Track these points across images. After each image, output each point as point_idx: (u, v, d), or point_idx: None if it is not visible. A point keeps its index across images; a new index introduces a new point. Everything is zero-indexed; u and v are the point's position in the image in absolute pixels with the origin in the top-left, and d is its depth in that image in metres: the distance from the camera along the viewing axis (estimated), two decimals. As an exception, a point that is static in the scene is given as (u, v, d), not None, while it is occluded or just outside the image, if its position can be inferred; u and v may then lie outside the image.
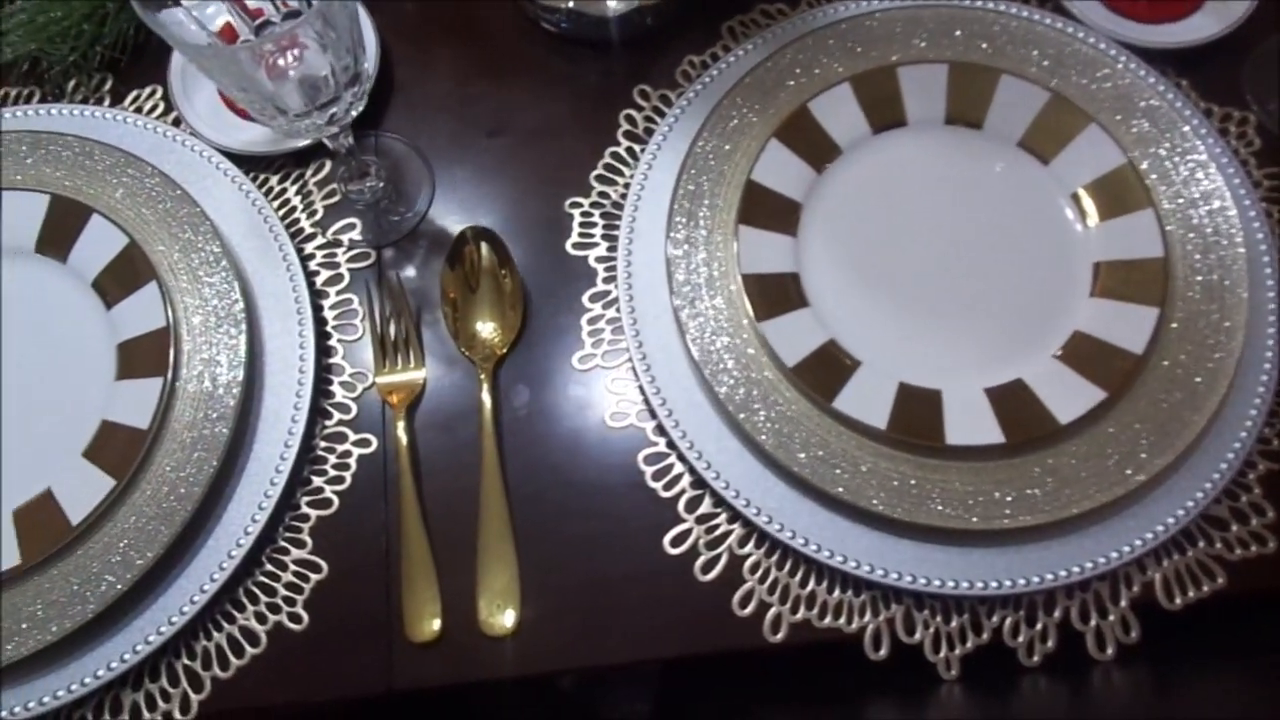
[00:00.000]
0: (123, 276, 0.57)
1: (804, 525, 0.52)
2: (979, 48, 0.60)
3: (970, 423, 0.52)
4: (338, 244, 0.61)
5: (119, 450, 0.54)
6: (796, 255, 0.57)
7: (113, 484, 0.53)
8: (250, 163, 0.62)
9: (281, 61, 0.48)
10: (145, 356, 0.56)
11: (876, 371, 0.54)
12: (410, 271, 0.60)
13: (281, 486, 0.54)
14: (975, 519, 0.50)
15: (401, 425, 0.56)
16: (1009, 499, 0.51)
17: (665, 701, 0.61)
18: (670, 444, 0.55)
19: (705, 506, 0.54)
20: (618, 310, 0.58)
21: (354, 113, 0.52)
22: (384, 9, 0.65)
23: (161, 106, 0.65)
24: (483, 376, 0.57)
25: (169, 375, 0.55)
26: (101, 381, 0.56)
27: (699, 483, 0.55)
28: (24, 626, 0.51)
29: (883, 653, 0.51)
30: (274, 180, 0.62)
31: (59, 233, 0.59)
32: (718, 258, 0.57)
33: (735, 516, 0.54)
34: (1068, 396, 0.52)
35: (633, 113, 0.63)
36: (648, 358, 0.56)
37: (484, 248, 0.58)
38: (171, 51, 0.64)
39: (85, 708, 0.52)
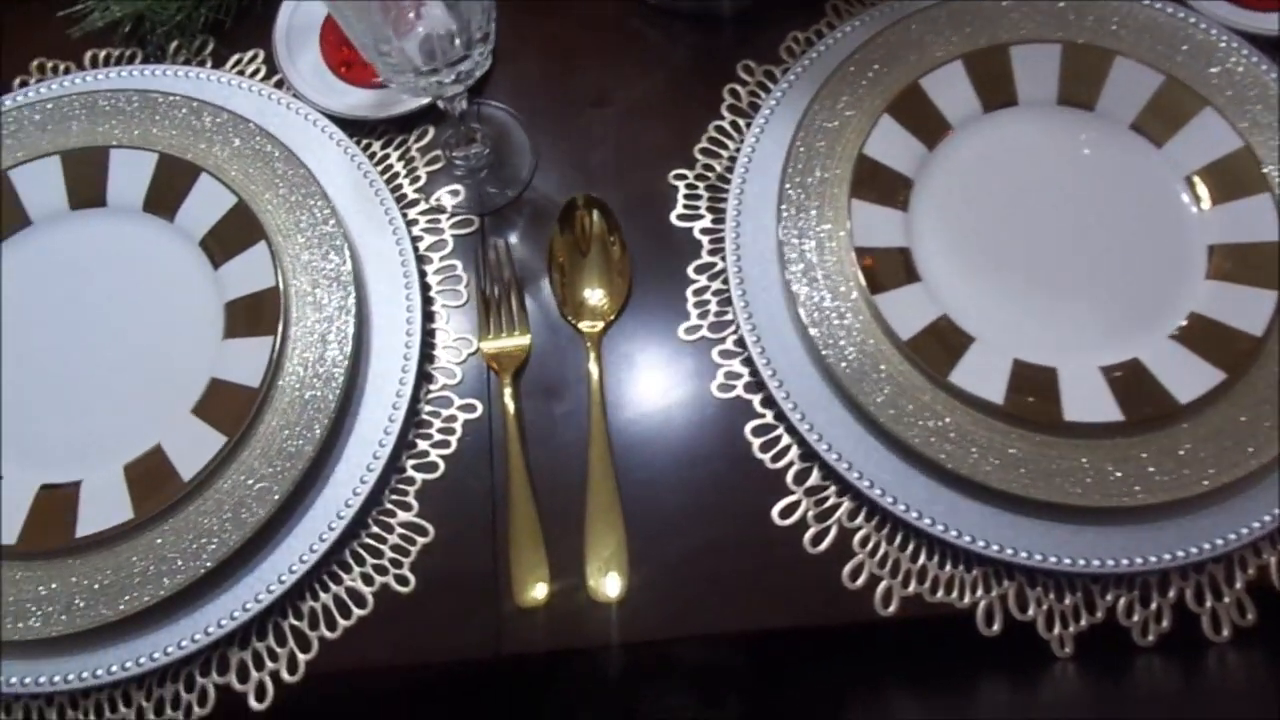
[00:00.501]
0: (231, 236, 0.57)
1: (917, 499, 0.52)
2: (1091, 29, 0.60)
3: (1087, 400, 0.52)
4: (441, 210, 0.61)
5: (229, 408, 0.54)
6: (908, 230, 0.57)
7: (224, 440, 0.53)
8: (353, 127, 0.62)
9: (412, 15, 0.48)
10: (254, 315, 0.56)
11: (990, 348, 0.53)
12: (513, 239, 0.60)
13: (389, 449, 0.54)
14: (1095, 496, 0.50)
15: (508, 392, 0.56)
16: (1126, 477, 0.51)
17: (756, 687, 0.60)
18: (779, 415, 0.55)
19: (814, 479, 0.54)
20: (723, 283, 0.58)
21: (479, 72, 0.52)
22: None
23: (264, 70, 0.65)
24: (589, 345, 0.57)
25: (279, 335, 0.55)
26: (209, 340, 0.56)
27: (808, 455, 0.54)
28: (136, 581, 0.51)
29: (996, 628, 0.51)
30: (376, 145, 0.62)
31: (167, 192, 0.59)
32: (829, 231, 0.56)
33: (845, 489, 0.54)
34: (1186, 377, 0.52)
35: (737, 87, 0.63)
36: (757, 329, 0.56)
37: (595, 214, 0.58)
38: (276, 15, 0.64)
39: (193, 664, 0.52)
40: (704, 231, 0.60)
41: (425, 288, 0.59)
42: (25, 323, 0.57)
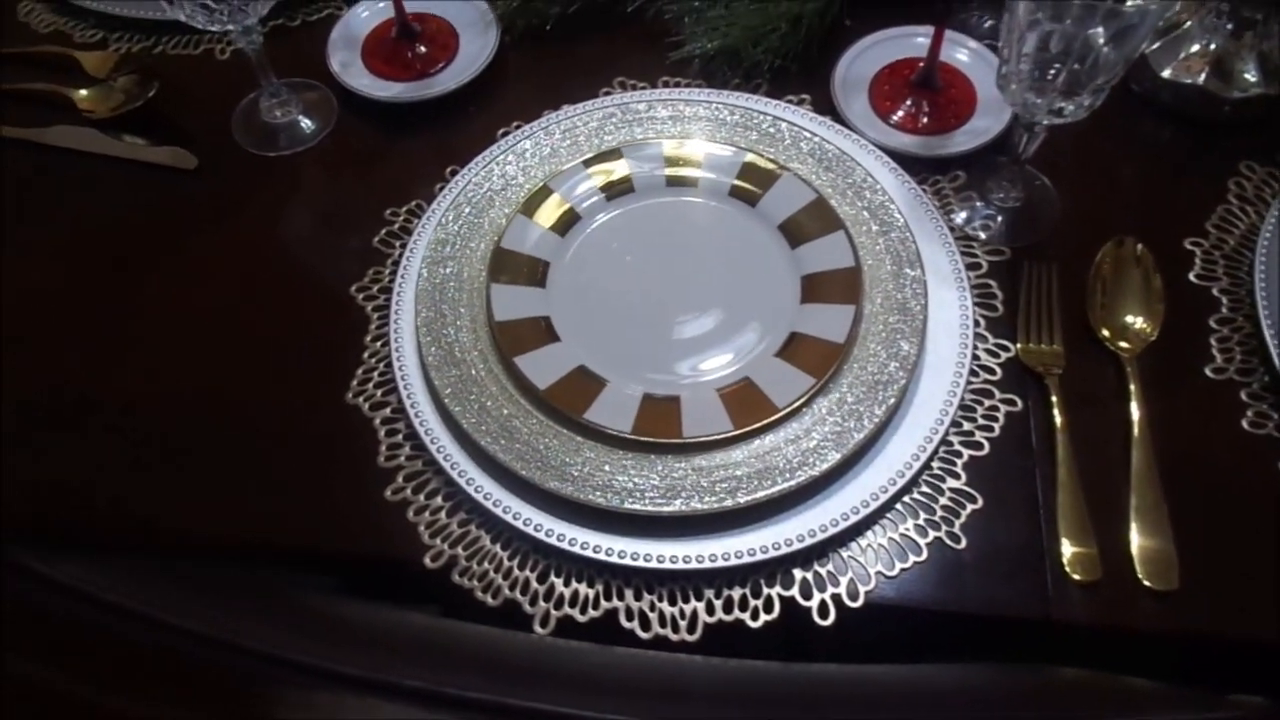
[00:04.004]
0: (810, 223, 0.66)
1: None
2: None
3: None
4: (974, 239, 0.69)
5: (813, 356, 0.60)
6: None
7: (812, 381, 0.59)
8: (897, 161, 0.71)
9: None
10: (832, 287, 0.63)
11: None
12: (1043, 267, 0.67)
13: (946, 423, 0.60)
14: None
15: (1054, 395, 0.61)
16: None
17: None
18: (1321, 455, 0.58)
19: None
20: (1245, 336, 0.63)
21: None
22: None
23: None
24: (1128, 364, 0.62)
25: (859, 305, 0.62)
26: (788, 302, 0.64)
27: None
28: (713, 489, 0.57)
29: None
30: (913, 181, 0.71)
31: (752, 184, 0.68)
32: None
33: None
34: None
35: (1241, 180, 0.71)
36: (1295, 376, 0.60)
37: (1140, 248, 0.65)
38: (835, 65, 0.75)
39: (760, 574, 0.57)
40: (1222, 291, 0.66)
41: (964, 298, 0.66)
42: (630, 264, 0.67)
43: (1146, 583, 0.55)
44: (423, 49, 0.79)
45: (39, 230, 0.74)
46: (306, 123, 0.78)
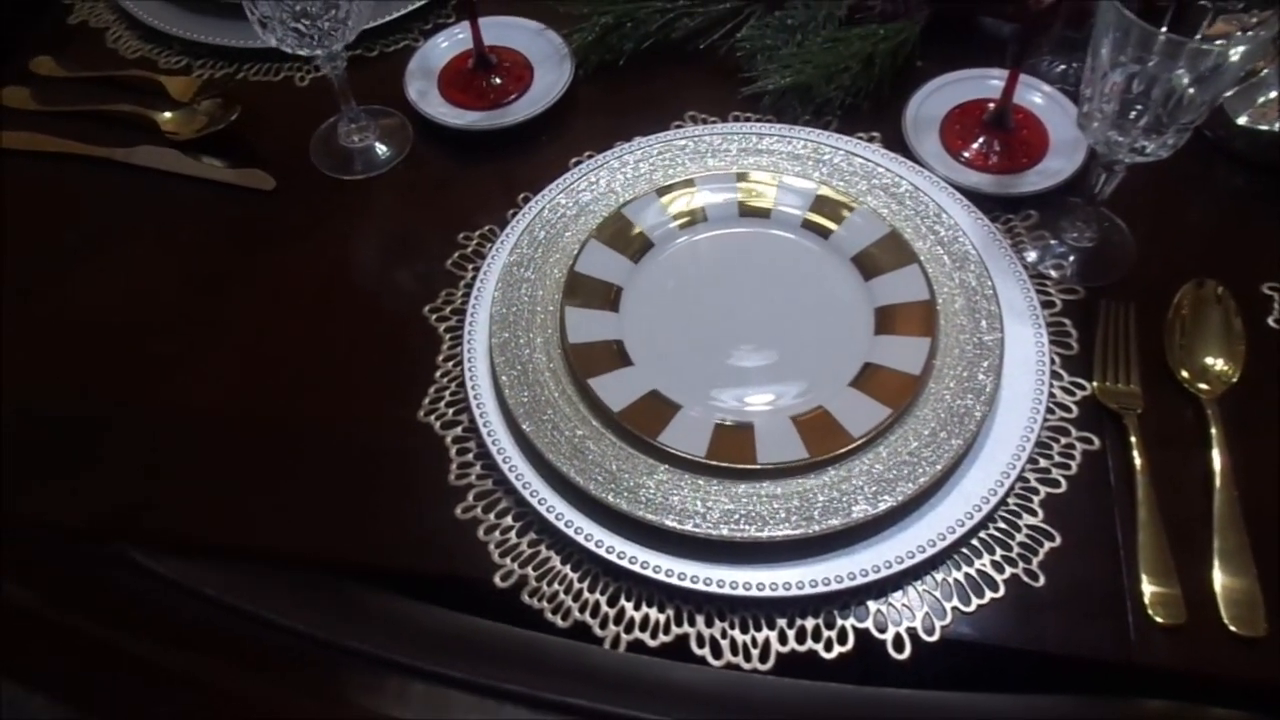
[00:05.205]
0: (883, 257, 0.66)
1: None
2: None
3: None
4: (1046, 277, 0.68)
5: (889, 388, 0.60)
6: None
7: (888, 411, 0.59)
8: (970, 199, 0.71)
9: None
10: (907, 319, 0.63)
11: None
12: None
13: (1023, 459, 0.59)
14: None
15: (1133, 435, 0.60)
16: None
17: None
18: None
19: None
20: (1327, 383, 0.62)
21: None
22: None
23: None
24: (1209, 410, 0.61)
25: (935, 337, 0.62)
26: (861, 334, 0.64)
27: None
28: (787, 517, 0.56)
29: None
30: (985, 218, 0.71)
31: (825, 217, 0.69)
32: None
33: None
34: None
35: (1320, 224, 0.70)
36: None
37: (1221, 289, 0.64)
38: (905, 105, 0.76)
39: (834, 604, 0.56)
40: (1301, 337, 0.65)
41: (1038, 335, 0.65)
42: (703, 292, 0.67)
43: (1232, 628, 0.54)
44: (498, 80, 0.81)
45: (122, 245, 0.75)
46: (382, 148, 0.79)
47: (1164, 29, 0.58)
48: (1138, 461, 0.59)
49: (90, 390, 0.67)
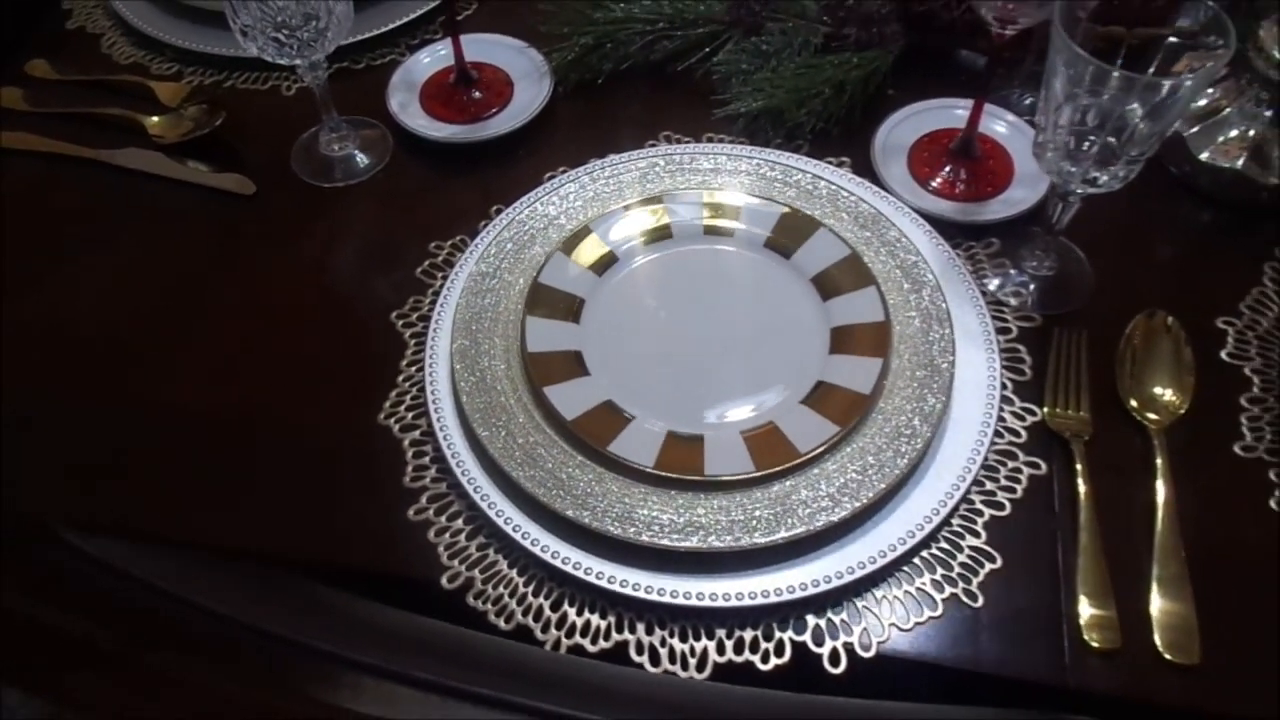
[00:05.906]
0: (842, 278, 0.67)
1: None
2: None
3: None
4: (1005, 304, 0.69)
5: (839, 406, 0.61)
6: None
7: (836, 429, 0.60)
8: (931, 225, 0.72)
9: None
10: (861, 340, 0.64)
11: None
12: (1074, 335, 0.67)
13: (968, 481, 0.60)
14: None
15: (1079, 461, 0.61)
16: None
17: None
18: (1349, 538, 0.57)
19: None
20: (1277, 416, 0.63)
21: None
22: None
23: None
24: (1155, 436, 0.61)
25: (887, 358, 0.63)
26: (816, 353, 0.65)
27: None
28: (730, 529, 0.57)
29: None
30: (946, 245, 0.72)
31: (787, 238, 0.70)
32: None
33: None
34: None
35: (1277, 264, 0.71)
36: (1328, 456, 0.59)
37: (1171, 320, 0.65)
38: (875, 131, 0.77)
39: (773, 616, 0.56)
40: (1255, 371, 0.65)
41: (992, 359, 0.66)
42: (663, 307, 0.68)
43: (1167, 655, 0.54)
44: (478, 95, 0.82)
45: (105, 244, 0.77)
46: (362, 158, 0.81)
47: (1119, 63, 0.59)
48: (1082, 488, 0.60)
49: (60, 387, 0.69)
